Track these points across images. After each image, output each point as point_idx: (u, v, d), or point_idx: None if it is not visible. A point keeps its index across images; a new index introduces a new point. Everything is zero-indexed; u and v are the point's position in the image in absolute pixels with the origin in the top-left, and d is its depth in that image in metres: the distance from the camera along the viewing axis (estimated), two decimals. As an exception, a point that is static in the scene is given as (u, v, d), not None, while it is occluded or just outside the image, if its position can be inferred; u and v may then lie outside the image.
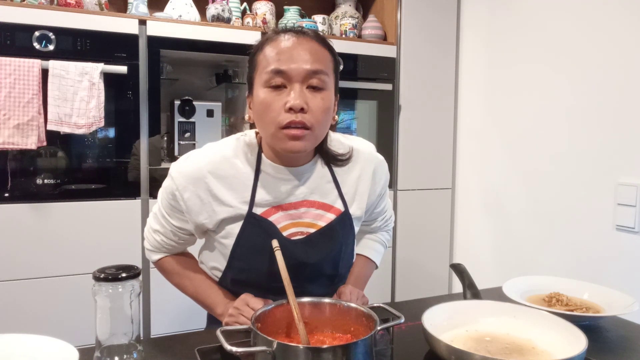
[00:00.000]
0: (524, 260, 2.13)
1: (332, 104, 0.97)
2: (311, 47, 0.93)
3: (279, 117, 0.91)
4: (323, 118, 0.94)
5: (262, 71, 0.93)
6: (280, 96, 0.91)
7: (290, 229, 1.02)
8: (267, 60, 0.93)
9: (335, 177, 1.06)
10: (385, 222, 1.26)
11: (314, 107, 0.92)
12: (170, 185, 0.99)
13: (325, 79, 0.93)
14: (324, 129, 0.97)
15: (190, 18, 2.09)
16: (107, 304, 0.76)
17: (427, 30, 2.44)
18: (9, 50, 1.76)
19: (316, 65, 0.92)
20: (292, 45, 0.92)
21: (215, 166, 0.99)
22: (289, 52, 0.91)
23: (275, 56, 0.92)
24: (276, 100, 0.91)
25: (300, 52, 0.92)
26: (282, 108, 0.91)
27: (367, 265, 1.24)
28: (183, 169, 0.99)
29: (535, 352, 0.85)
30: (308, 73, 0.91)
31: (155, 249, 1.10)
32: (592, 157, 1.80)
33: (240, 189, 0.99)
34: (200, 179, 0.97)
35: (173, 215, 1.03)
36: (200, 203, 0.98)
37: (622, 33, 1.69)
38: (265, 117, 0.93)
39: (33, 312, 1.84)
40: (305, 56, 0.92)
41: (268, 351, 0.71)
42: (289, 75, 0.91)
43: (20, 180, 1.81)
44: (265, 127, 0.94)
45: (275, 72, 0.91)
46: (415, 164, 2.46)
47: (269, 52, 0.93)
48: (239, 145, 1.03)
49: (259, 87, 0.94)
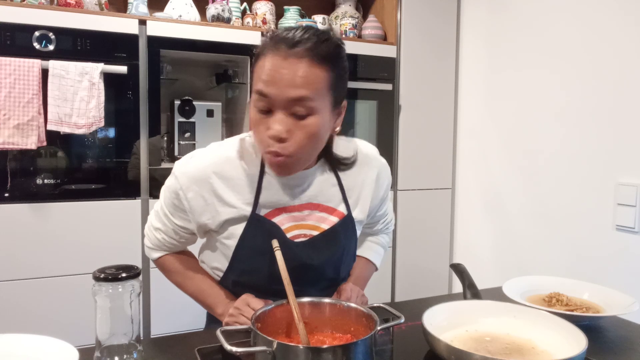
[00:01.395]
0: (524, 260, 2.13)
1: (324, 124, 0.91)
2: (300, 69, 0.85)
3: (264, 141, 0.89)
4: (309, 143, 0.89)
5: (254, 86, 0.90)
6: (265, 120, 0.88)
7: (293, 231, 1.01)
8: (257, 75, 0.89)
9: (339, 181, 1.06)
10: (386, 224, 1.26)
11: (297, 135, 0.88)
12: (174, 184, 0.99)
13: (311, 104, 0.86)
14: (311, 152, 0.94)
15: (190, 18, 2.09)
16: (107, 304, 0.76)
17: (427, 30, 2.44)
18: (9, 50, 1.76)
19: (300, 91, 0.85)
20: (280, 65, 0.85)
21: (220, 167, 0.98)
22: (274, 74, 0.85)
23: (263, 75, 0.87)
24: (262, 123, 0.89)
25: (284, 75, 0.85)
26: (266, 133, 0.88)
27: (367, 266, 1.24)
28: (187, 169, 0.98)
29: (535, 352, 0.85)
30: (290, 101, 0.85)
31: (156, 247, 1.10)
32: (592, 157, 1.80)
33: (245, 190, 0.99)
34: (205, 180, 0.97)
35: (175, 214, 1.02)
36: (203, 203, 0.98)
37: (621, 34, 1.69)
38: (255, 135, 0.92)
39: (33, 312, 1.84)
40: (291, 80, 0.85)
41: (268, 351, 0.71)
42: (272, 100, 0.86)
43: (20, 180, 1.81)
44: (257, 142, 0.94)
45: (259, 94, 0.87)
46: (415, 164, 2.46)
47: (259, 68, 0.88)
48: (244, 146, 1.02)
49: (253, 101, 0.91)
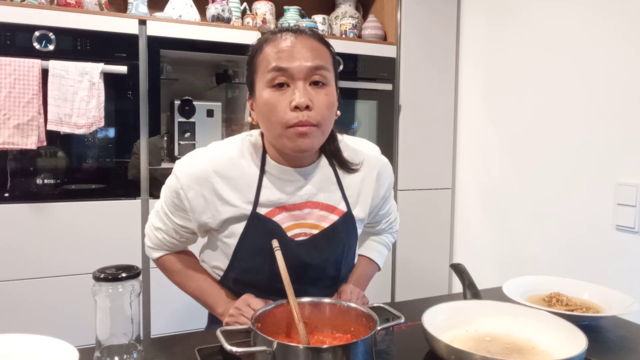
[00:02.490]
0: (524, 260, 2.13)
1: (335, 98, 0.97)
2: (310, 44, 0.93)
3: (286, 117, 0.91)
4: (328, 114, 0.94)
5: (264, 71, 0.93)
6: (284, 95, 0.91)
7: (293, 229, 1.02)
8: (267, 60, 0.93)
9: (339, 179, 1.06)
10: (390, 224, 1.26)
11: (318, 104, 0.92)
12: (175, 184, 0.99)
13: (327, 74, 0.94)
14: (329, 125, 0.97)
15: (190, 18, 2.09)
16: (107, 304, 0.76)
17: (427, 30, 2.44)
18: (9, 50, 1.75)
19: (317, 61, 0.92)
20: (292, 44, 0.92)
21: (220, 166, 0.99)
22: (289, 50, 0.92)
23: (276, 55, 0.92)
24: (281, 99, 0.91)
25: (300, 50, 0.92)
26: (288, 107, 0.91)
27: (369, 266, 1.23)
28: (188, 169, 0.98)
29: (535, 352, 0.85)
30: (310, 69, 0.92)
31: (156, 246, 1.10)
32: (592, 157, 1.80)
33: (245, 189, 0.99)
34: (206, 179, 0.97)
35: (176, 213, 1.03)
36: (204, 202, 0.98)
37: (621, 34, 1.69)
38: (271, 118, 0.92)
39: (33, 312, 1.84)
40: (306, 53, 0.92)
41: (268, 351, 0.71)
42: (291, 72, 0.91)
43: (20, 180, 1.81)
44: (271, 127, 0.94)
45: (277, 70, 0.91)
46: (415, 164, 2.46)
47: (269, 52, 0.93)
48: (244, 145, 1.03)
49: (262, 88, 0.94)
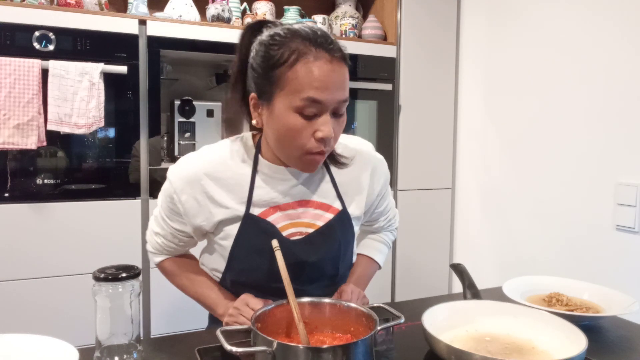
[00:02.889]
0: (524, 260, 2.13)
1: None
2: (343, 74, 0.91)
3: (308, 145, 0.91)
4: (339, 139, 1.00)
5: (294, 94, 0.88)
6: (310, 124, 0.90)
7: (289, 229, 1.02)
8: (301, 85, 0.87)
9: (333, 177, 1.06)
10: (389, 221, 1.25)
11: (337, 134, 0.95)
12: (168, 188, 1.00)
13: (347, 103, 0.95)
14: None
15: (190, 18, 2.09)
16: (107, 304, 0.76)
17: (427, 30, 2.44)
18: (9, 50, 1.75)
19: (346, 93, 0.92)
20: (328, 73, 0.88)
21: (211, 168, 0.99)
22: (325, 81, 0.88)
23: (312, 84, 0.87)
24: (307, 127, 0.90)
25: (334, 81, 0.89)
26: (311, 135, 0.91)
27: (369, 265, 1.23)
28: (179, 172, 0.99)
29: (535, 352, 0.85)
30: (340, 103, 0.91)
31: (157, 251, 1.12)
32: (592, 157, 1.80)
33: (237, 190, 0.99)
34: (197, 181, 0.98)
35: (172, 218, 1.04)
36: (197, 205, 0.99)
37: (621, 34, 1.69)
38: (292, 142, 0.91)
39: (33, 312, 1.84)
40: (339, 84, 0.90)
41: (268, 351, 0.71)
42: (324, 105, 0.89)
43: (20, 180, 1.81)
44: (287, 149, 0.93)
45: (311, 101, 0.88)
46: (415, 164, 2.46)
47: (303, 75, 0.87)
48: (235, 146, 1.03)
49: (286, 108, 0.89)
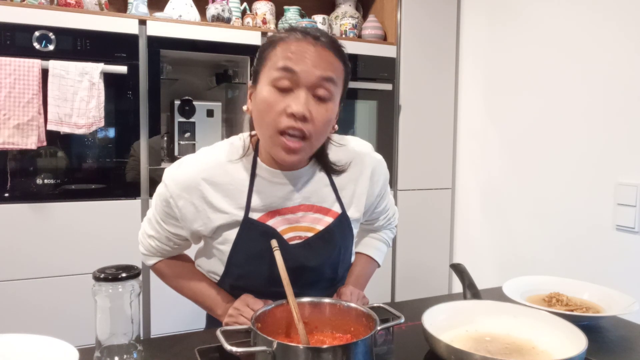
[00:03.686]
0: (524, 260, 2.13)
1: (334, 115, 0.94)
2: (326, 54, 0.89)
3: (279, 120, 0.88)
4: (323, 129, 0.91)
5: (271, 67, 0.89)
6: (284, 98, 0.88)
7: (288, 233, 1.01)
8: (277, 57, 0.89)
9: (332, 181, 1.05)
10: (388, 220, 1.24)
11: (316, 117, 0.89)
12: (164, 192, 0.98)
13: (333, 89, 0.90)
14: (322, 140, 0.95)
15: (190, 18, 2.09)
16: (107, 304, 0.76)
17: (427, 30, 2.44)
18: (9, 50, 1.76)
19: (328, 72, 0.88)
20: (307, 48, 0.88)
21: (209, 173, 0.96)
22: (302, 53, 0.87)
23: (288, 55, 0.88)
24: (279, 101, 0.88)
25: (313, 56, 0.88)
26: (284, 111, 0.87)
27: (368, 264, 1.22)
28: (176, 177, 0.96)
29: (535, 352, 0.85)
30: (318, 79, 0.88)
31: (151, 253, 1.09)
32: (592, 157, 1.80)
33: (236, 194, 0.97)
34: (194, 187, 0.95)
35: (168, 221, 1.01)
36: (194, 211, 0.97)
37: (621, 35, 1.69)
38: (265, 117, 0.89)
39: (33, 312, 1.84)
40: (318, 61, 0.88)
41: (268, 351, 0.71)
42: (297, 77, 0.87)
43: (20, 180, 1.81)
44: (263, 128, 0.91)
45: (284, 70, 0.87)
46: (415, 164, 2.46)
47: (282, 49, 0.89)
48: (233, 150, 1.00)
49: (265, 83, 0.90)
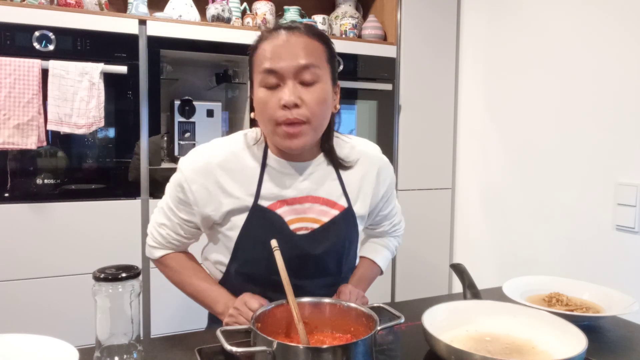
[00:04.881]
0: (524, 260, 2.13)
1: (329, 94, 0.98)
2: (302, 42, 0.95)
3: (275, 114, 0.94)
4: (320, 110, 0.96)
5: (257, 71, 0.97)
6: (275, 94, 0.94)
7: (295, 223, 1.03)
8: (260, 60, 0.96)
9: (339, 176, 1.08)
10: (394, 226, 1.25)
11: (308, 101, 0.94)
12: (179, 178, 1.03)
13: (318, 71, 0.95)
14: (323, 120, 0.99)
15: (190, 18, 2.09)
16: (107, 304, 0.76)
17: (427, 30, 2.44)
18: (9, 50, 1.75)
19: (307, 59, 0.93)
20: (282, 43, 0.94)
21: (223, 159, 1.02)
22: (279, 51, 0.94)
23: (267, 55, 0.94)
24: (272, 98, 0.94)
25: (290, 49, 0.93)
26: (278, 105, 0.93)
27: (371, 268, 1.23)
28: (192, 163, 1.02)
29: (535, 352, 0.85)
30: (298, 69, 0.93)
31: (159, 245, 1.11)
32: (592, 157, 1.80)
33: (247, 181, 1.02)
34: (209, 172, 1.01)
35: (180, 207, 1.05)
36: (207, 195, 1.01)
37: (621, 35, 1.69)
38: (263, 115, 0.96)
39: (33, 312, 1.84)
40: (295, 52, 0.93)
41: (268, 351, 0.71)
42: (280, 73, 0.93)
43: (20, 180, 1.81)
44: (264, 124, 0.98)
45: (267, 72, 0.94)
46: (415, 164, 2.46)
47: (262, 52, 0.96)
48: (247, 140, 1.06)
49: (257, 86, 0.97)
